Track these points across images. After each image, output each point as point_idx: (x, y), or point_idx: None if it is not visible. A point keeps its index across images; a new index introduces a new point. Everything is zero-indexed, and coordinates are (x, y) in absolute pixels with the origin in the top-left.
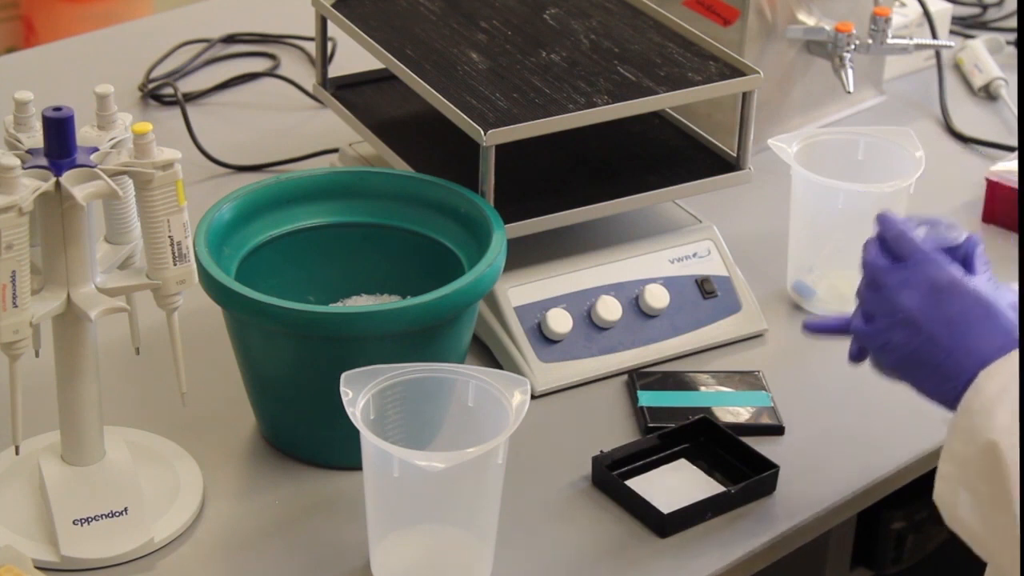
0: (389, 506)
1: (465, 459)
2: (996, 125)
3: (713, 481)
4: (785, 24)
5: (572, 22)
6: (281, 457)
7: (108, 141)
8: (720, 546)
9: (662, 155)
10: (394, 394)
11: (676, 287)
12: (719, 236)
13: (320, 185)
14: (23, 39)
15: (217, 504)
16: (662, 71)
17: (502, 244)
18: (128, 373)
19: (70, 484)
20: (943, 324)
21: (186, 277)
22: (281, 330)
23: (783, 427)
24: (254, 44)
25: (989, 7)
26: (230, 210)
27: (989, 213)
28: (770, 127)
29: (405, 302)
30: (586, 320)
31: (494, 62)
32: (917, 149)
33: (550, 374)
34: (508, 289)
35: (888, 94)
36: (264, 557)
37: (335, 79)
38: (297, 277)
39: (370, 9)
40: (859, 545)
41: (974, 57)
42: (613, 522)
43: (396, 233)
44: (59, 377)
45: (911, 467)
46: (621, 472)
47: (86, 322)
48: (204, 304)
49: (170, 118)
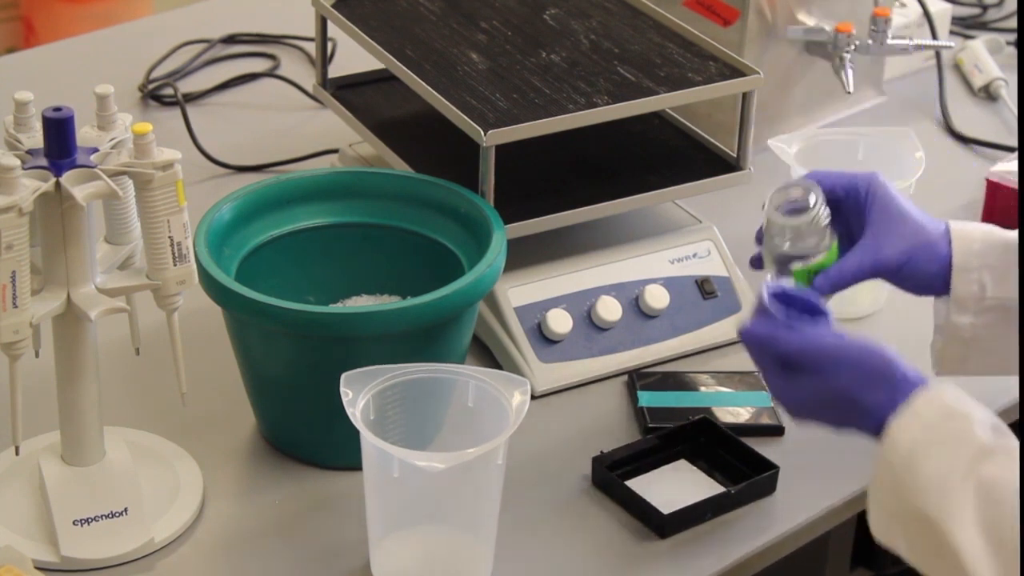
0: (389, 506)
1: (465, 459)
2: (996, 125)
3: (713, 481)
4: (785, 24)
5: (572, 22)
6: (281, 457)
7: (108, 141)
8: (720, 546)
9: (662, 155)
10: (394, 394)
11: (676, 287)
12: (719, 236)
13: (320, 185)
14: (23, 39)
15: (217, 504)
16: (662, 71)
17: (502, 244)
18: (128, 373)
19: (70, 484)
20: (833, 399)
21: (186, 277)
22: (281, 330)
23: (783, 427)
24: (254, 44)
25: (989, 7)
26: (230, 210)
27: (989, 213)
28: (770, 127)
29: (405, 302)
30: (586, 320)
31: (494, 62)
32: (917, 149)
33: (550, 374)
34: (508, 289)
35: (888, 94)
36: (264, 557)
37: (335, 79)
38: (297, 277)
39: (370, 9)
40: (859, 545)
41: (974, 57)
42: (613, 522)
43: (396, 233)
44: (59, 377)
45: None
46: (621, 472)
47: (86, 322)
48: (204, 304)
49: (170, 118)
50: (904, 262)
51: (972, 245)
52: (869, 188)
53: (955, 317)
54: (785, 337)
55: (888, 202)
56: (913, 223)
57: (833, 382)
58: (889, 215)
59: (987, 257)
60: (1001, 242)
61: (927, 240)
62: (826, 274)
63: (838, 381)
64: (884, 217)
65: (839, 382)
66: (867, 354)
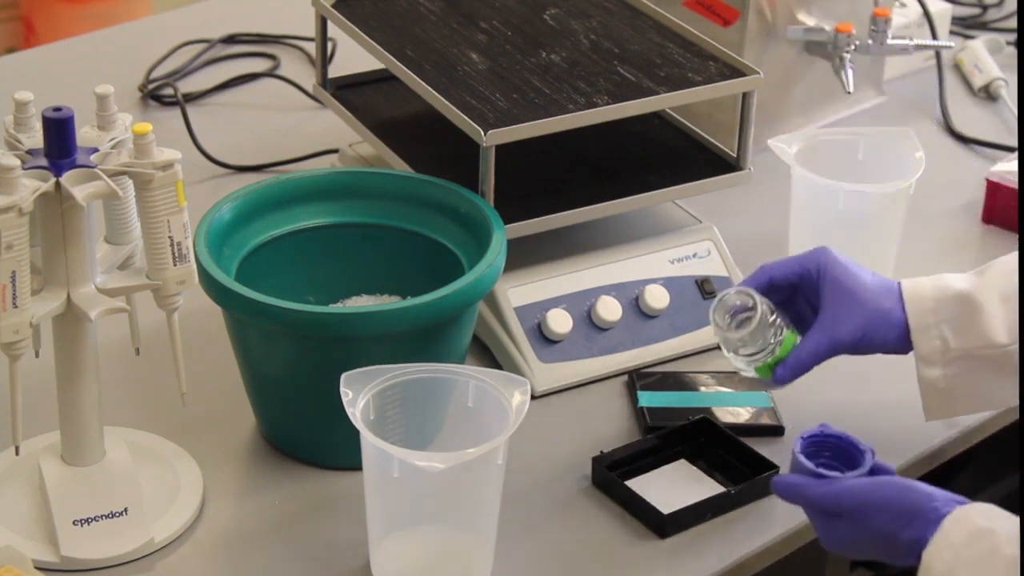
0: (389, 506)
1: (465, 459)
2: (996, 125)
3: (713, 481)
4: (785, 24)
5: (572, 22)
6: (281, 457)
7: (108, 141)
8: (720, 546)
9: (662, 155)
10: (394, 394)
11: (676, 287)
12: (719, 236)
13: (320, 185)
14: (23, 39)
15: (217, 504)
16: (662, 71)
17: (502, 244)
18: (128, 373)
19: (70, 484)
20: (871, 541)
21: (186, 277)
22: (281, 330)
23: (783, 427)
24: (254, 44)
25: (989, 7)
26: (230, 210)
27: (989, 213)
28: (770, 127)
29: (405, 302)
30: (586, 320)
31: (494, 62)
32: (917, 149)
33: (550, 374)
34: (508, 289)
35: (888, 94)
36: (264, 557)
37: (335, 79)
38: (297, 277)
39: (370, 9)
40: None
41: (974, 57)
42: (613, 522)
43: (396, 233)
44: (59, 377)
45: (911, 468)
46: (621, 472)
47: (86, 322)
48: (204, 304)
49: (170, 118)
50: (860, 337)
51: (925, 304)
52: (819, 267)
53: (924, 372)
54: (815, 489)
55: (839, 278)
56: (865, 295)
57: (869, 526)
58: (840, 293)
59: (942, 313)
60: (953, 295)
61: (881, 310)
62: (784, 364)
63: (874, 524)
64: (836, 295)
65: (875, 525)
66: (897, 493)
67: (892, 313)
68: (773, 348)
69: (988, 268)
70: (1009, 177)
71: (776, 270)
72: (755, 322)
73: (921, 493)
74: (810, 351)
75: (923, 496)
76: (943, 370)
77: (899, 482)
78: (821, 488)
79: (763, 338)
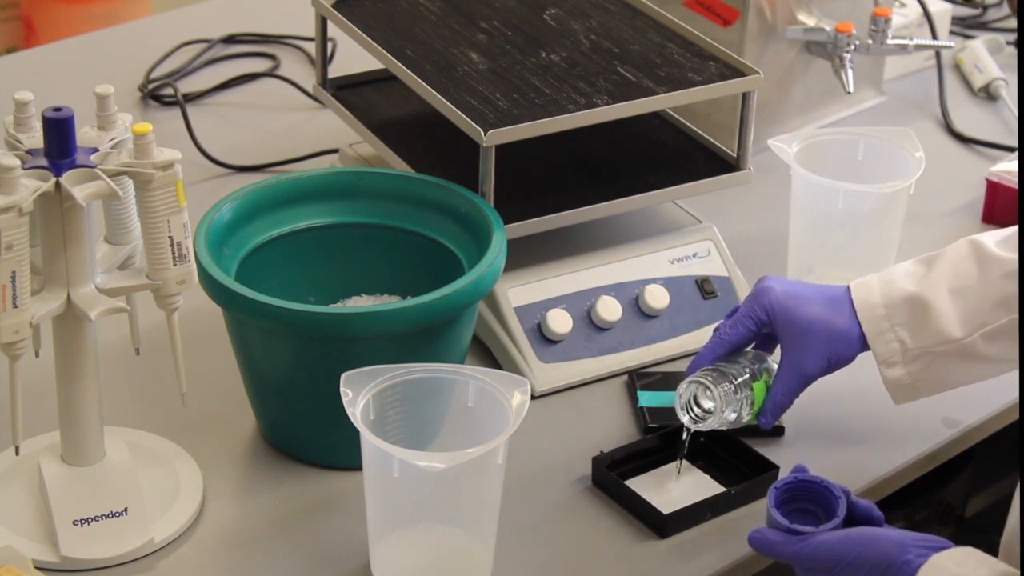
0: (389, 506)
1: (465, 459)
2: (996, 125)
3: (713, 481)
4: (785, 24)
5: (572, 22)
6: (281, 457)
7: (108, 141)
8: (720, 546)
9: (662, 155)
10: (394, 394)
11: (676, 287)
12: (719, 236)
13: (320, 185)
14: (23, 39)
15: (217, 504)
16: (662, 71)
17: (502, 244)
18: (128, 373)
19: (70, 484)
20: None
21: (186, 277)
22: (281, 330)
23: (783, 427)
24: (254, 44)
25: (989, 7)
26: (230, 210)
27: (989, 213)
28: (770, 127)
29: (405, 302)
30: (586, 320)
31: (494, 62)
32: (917, 149)
33: (550, 374)
34: (508, 289)
35: (888, 94)
36: (264, 557)
37: (335, 79)
38: (297, 277)
39: (370, 9)
40: None
41: (974, 57)
42: (613, 522)
43: (396, 233)
44: (59, 377)
45: (911, 467)
46: (621, 472)
47: (86, 322)
48: (204, 304)
49: (170, 118)
50: (826, 365)
51: (876, 311)
52: (767, 311)
53: (887, 372)
54: (791, 547)
55: (788, 316)
56: (819, 324)
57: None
58: (795, 331)
59: (894, 317)
60: (903, 298)
61: (837, 331)
62: (764, 412)
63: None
64: (792, 334)
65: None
66: (871, 545)
67: (849, 331)
68: (749, 403)
69: (936, 260)
70: (1009, 177)
71: (732, 336)
72: (716, 412)
73: (892, 543)
74: (783, 392)
75: (895, 547)
76: (905, 368)
77: (869, 534)
78: (796, 546)
79: (733, 405)
